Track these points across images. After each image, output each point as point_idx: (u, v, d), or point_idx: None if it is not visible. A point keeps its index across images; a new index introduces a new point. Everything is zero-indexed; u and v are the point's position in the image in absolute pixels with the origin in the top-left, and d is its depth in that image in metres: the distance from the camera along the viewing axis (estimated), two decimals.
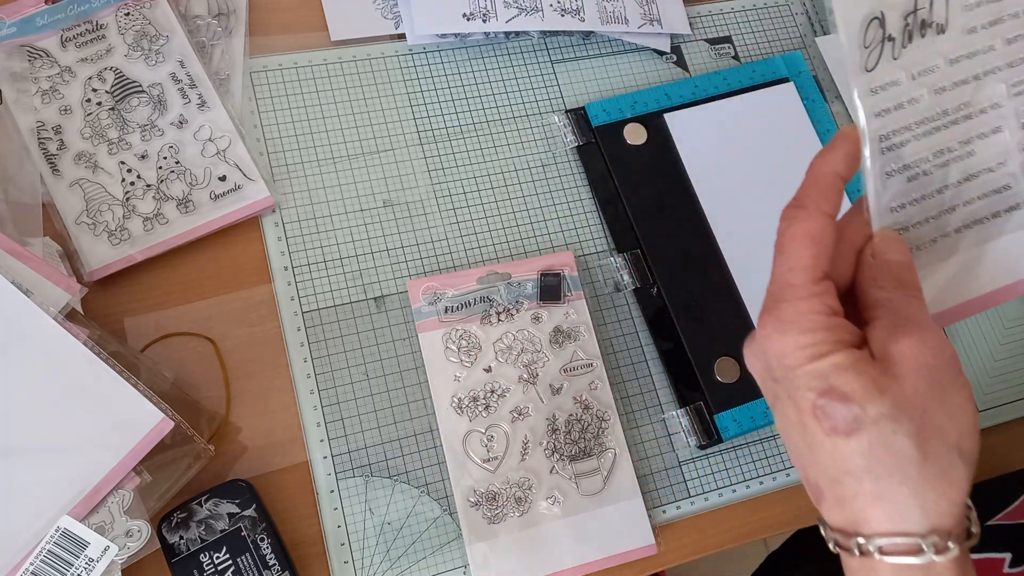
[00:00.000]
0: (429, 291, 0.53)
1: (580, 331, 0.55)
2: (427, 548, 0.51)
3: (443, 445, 0.52)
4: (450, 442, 0.52)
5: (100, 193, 0.53)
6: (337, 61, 0.60)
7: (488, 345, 0.54)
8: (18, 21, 0.55)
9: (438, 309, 0.54)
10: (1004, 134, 0.35)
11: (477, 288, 0.55)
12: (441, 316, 0.54)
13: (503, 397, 0.53)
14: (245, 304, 0.54)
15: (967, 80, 0.34)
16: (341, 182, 0.58)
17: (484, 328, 0.54)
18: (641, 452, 0.55)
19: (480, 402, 0.53)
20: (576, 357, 0.55)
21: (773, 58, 0.67)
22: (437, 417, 0.53)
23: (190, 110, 0.55)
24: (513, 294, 0.54)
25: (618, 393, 0.56)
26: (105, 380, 0.45)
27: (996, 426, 0.61)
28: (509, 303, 0.54)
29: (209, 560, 0.46)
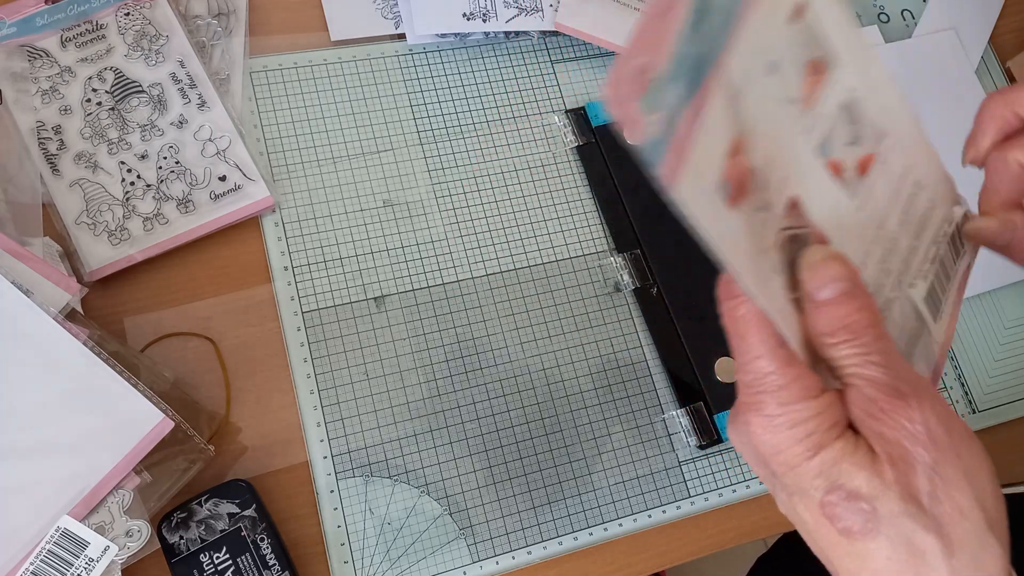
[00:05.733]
0: None
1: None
2: (427, 548, 0.51)
3: None
4: None
5: (100, 193, 0.53)
6: (337, 61, 0.60)
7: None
8: (18, 21, 0.55)
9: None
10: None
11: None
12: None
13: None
14: (245, 304, 0.54)
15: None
16: (341, 182, 0.58)
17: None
18: (641, 452, 0.55)
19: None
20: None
21: None
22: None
23: (190, 110, 0.55)
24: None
25: (618, 393, 0.56)
26: (105, 380, 0.45)
27: (996, 426, 0.61)
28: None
29: (209, 560, 0.46)
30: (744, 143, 0.27)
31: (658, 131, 0.25)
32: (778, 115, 0.29)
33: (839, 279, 0.28)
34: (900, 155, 0.33)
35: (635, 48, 0.25)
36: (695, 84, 0.25)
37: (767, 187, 0.28)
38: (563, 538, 0.53)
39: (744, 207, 0.27)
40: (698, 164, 0.26)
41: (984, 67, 0.71)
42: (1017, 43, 0.73)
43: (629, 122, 0.25)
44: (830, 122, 0.30)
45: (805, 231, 0.30)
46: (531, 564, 0.52)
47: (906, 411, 0.27)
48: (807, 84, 0.30)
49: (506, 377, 0.55)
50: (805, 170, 0.30)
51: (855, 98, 0.31)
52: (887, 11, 0.71)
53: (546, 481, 0.54)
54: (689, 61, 0.25)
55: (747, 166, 0.27)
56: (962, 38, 0.70)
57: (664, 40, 0.25)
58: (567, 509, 0.54)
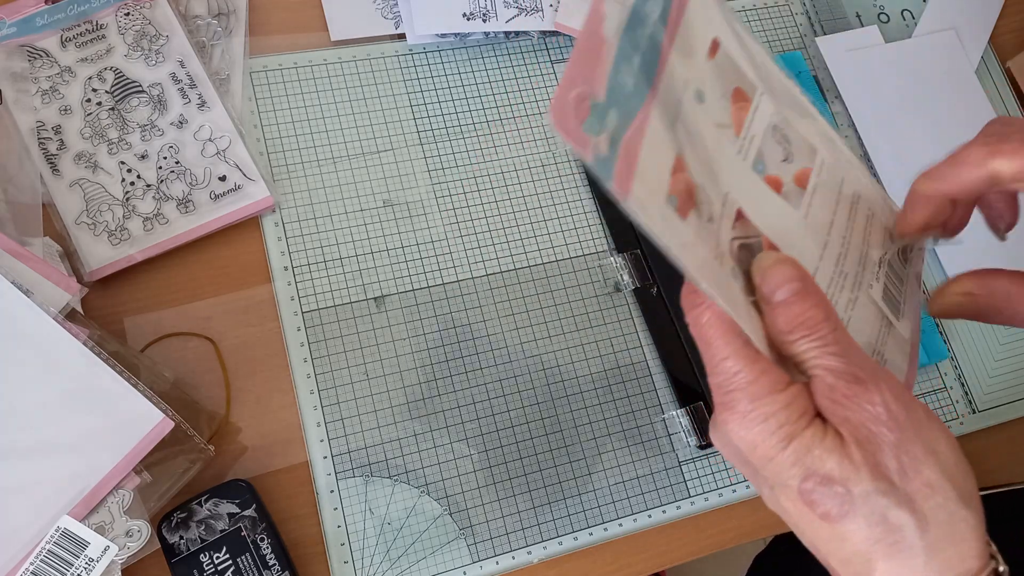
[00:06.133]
0: None
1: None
2: (427, 548, 0.51)
3: None
4: None
5: (100, 193, 0.53)
6: (337, 61, 0.60)
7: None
8: (18, 21, 0.55)
9: None
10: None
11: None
12: None
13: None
14: (245, 304, 0.54)
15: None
16: (341, 182, 0.58)
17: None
18: (641, 452, 0.55)
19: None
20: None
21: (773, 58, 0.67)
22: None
23: (190, 110, 0.55)
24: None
25: (618, 393, 0.56)
26: (105, 380, 0.45)
27: (996, 426, 0.61)
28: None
29: (209, 560, 0.46)
30: (684, 161, 0.31)
31: (605, 150, 0.28)
32: (712, 138, 0.33)
33: (790, 280, 0.30)
34: (833, 169, 0.36)
35: (572, 78, 0.28)
36: (633, 110, 0.29)
37: (711, 201, 0.32)
38: (563, 538, 0.53)
39: (693, 218, 0.31)
40: (646, 179, 0.29)
41: (984, 67, 0.71)
42: (1017, 43, 0.73)
43: (578, 144, 0.28)
44: (759, 143, 0.34)
45: (756, 240, 0.33)
46: (531, 564, 0.52)
47: (866, 395, 0.29)
48: (734, 111, 0.34)
49: (506, 377, 0.55)
50: (746, 186, 0.33)
51: (781, 121, 0.35)
52: (887, 11, 0.71)
53: (546, 481, 0.54)
54: (624, 90, 0.29)
55: (690, 181, 0.31)
56: (962, 38, 0.70)
57: (597, 72, 0.29)
58: (567, 509, 0.54)
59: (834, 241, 0.35)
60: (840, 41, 0.68)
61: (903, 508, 0.28)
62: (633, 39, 0.30)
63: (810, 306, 0.30)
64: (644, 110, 0.30)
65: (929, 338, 0.61)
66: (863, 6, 0.71)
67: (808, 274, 0.31)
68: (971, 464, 0.29)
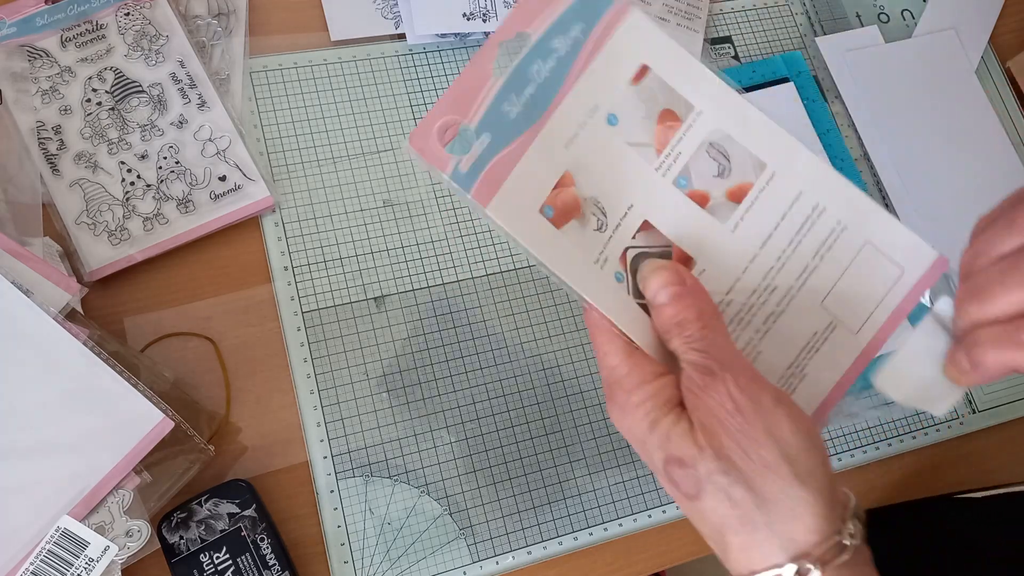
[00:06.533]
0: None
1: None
2: (427, 548, 0.51)
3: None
4: None
5: (100, 193, 0.53)
6: (337, 61, 0.60)
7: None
8: (18, 21, 0.55)
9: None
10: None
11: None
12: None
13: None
14: (245, 304, 0.54)
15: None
16: (341, 182, 0.58)
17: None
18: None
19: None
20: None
21: (773, 58, 0.67)
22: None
23: (190, 110, 0.55)
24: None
25: None
26: (105, 380, 0.45)
27: (996, 426, 0.61)
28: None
29: (209, 560, 0.46)
30: (573, 177, 0.36)
31: (465, 168, 0.34)
32: (621, 155, 0.36)
33: (666, 284, 0.34)
34: (787, 182, 0.37)
35: (442, 110, 0.35)
36: (511, 136, 0.35)
37: (605, 212, 0.36)
38: (563, 538, 0.53)
39: (571, 228, 0.35)
40: (515, 192, 0.35)
41: (984, 67, 0.71)
42: (1017, 43, 0.73)
43: (435, 161, 0.34)
44: (687, 160, 0.37)
45: (662, 249, 0.36)
46: (531, 564, 0.52)
47: (714, 385, 0.32)
48: (658, 130, 0.37)
49: (506, 377, 0.55)
50: (660, 199, 0.36)
51: (721, 137, 0.37)
52: (887, 11, 0.71)
53: (546, 481, 0.54)
54: (505, 119, 0.35)
55: (575, 195, 0.36)
56: (962, 38, 0.70)
57: (475, 104, 0.35)
58: (567, 509, 0.54)
59: (766, 256, 0.36)
60: (840, 41, 0.68)
61: (742, 486, 0.31)
62: (525, 75, 0.35)
63: (683, 307, 0.33)
64: (527, 135, 0.35)
65: None
66: (863, 6, 0.71)
67: (687, 279, 0.34)
68: (971, 464, 0.29)
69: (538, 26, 0.36)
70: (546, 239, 0.35)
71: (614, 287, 0.35)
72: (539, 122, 0.35)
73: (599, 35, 0.36)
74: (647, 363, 0.34)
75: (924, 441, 0.60)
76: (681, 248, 0.36)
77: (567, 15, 0.36)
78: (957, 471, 0.60)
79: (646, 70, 0.37)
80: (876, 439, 0.59)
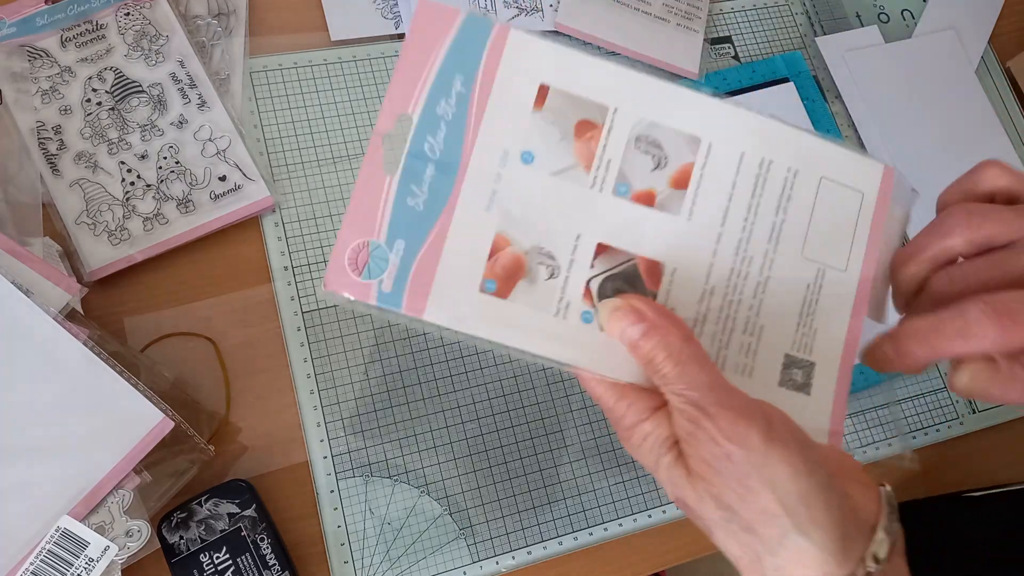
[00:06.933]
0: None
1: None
2: (427, 548, 0.51)
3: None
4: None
5: (100, 193, 0.53)
6: (337, 61, 0.60)
7: None
8: (18, 21, 0.55)
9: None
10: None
11: None
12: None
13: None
14: (245, 304, 0.54)
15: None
16: (341, 182, 0.58)
17: None
18: None
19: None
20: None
21: (773, 58, 0.67)
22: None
23: (190, 110, 0.55)
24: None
25: None
26: (105, 380, 0.45)
27: (996, 426, 0.61)
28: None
29: (209, 560, 0.46)
30: (507, 236, 0.33)
31: (389, 287, 0.31)
32: (551, 188, 0.33)
33: (630, 324, 0.32)
34: (726, 148, 0.35)
35: (345, 239, 0.31)
36: (427, 227, 0.32)
37: (552, 255, 0.33)
38: (563, 538, 0.53)
39: (520, 291, 0.33)
40: (449, 282, 0.32)
41: (984, 67, 0.71)
42: (1017, 43, 0.73)
43: (360, 295, 0.31)
44: (619, 164, 0.34)
45: (626, 265, 0.34)
46: (531, 564, 0.52)
47: (699, 432, 0.30)
48: (578, 146, 0.34)
49: (506, 377, 0.55)
50: (606, 217, 0.34)
51: (647, 128, 0.34)
52: (887, 11, 0.71)
53: (546, 481, 0.54)
54: (413, 214, 0.32)
55: (514, 255, 0.33)
56: (962, 38, 0.70)
57: (376, 216, 0.32)
58: (567, 509, 0.54)
59: (731, 229, 0.35)
60: (840, 41, 0.68)
61: (747, 533, 0.31)
62: (419, 159, 0.32)
63: (650, 346, 0.31)
64: (443, 219, 0.32)
65: None
66: (863, 6, 0.71)
67: (647, 313, 0.32)
68: (971, 464, 0.29)
69: (416, 100, 0.33)
70: (495, 318, 0.32)
71: (584, 335, 0.33)
72: (451, 198, 0.32)
73: (484, 77, 0.33)
74: (640, 400, 0.33)
75: (924, 441, 0.60)
76: (643, 256, 0.34)
77: (443, 73, 0.33)
78: (957, 471, 0.60)
79: (546, 90, 0.34)
80: (876, 439, 0.59)
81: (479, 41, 0.33)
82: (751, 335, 0.35)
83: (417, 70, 0.33)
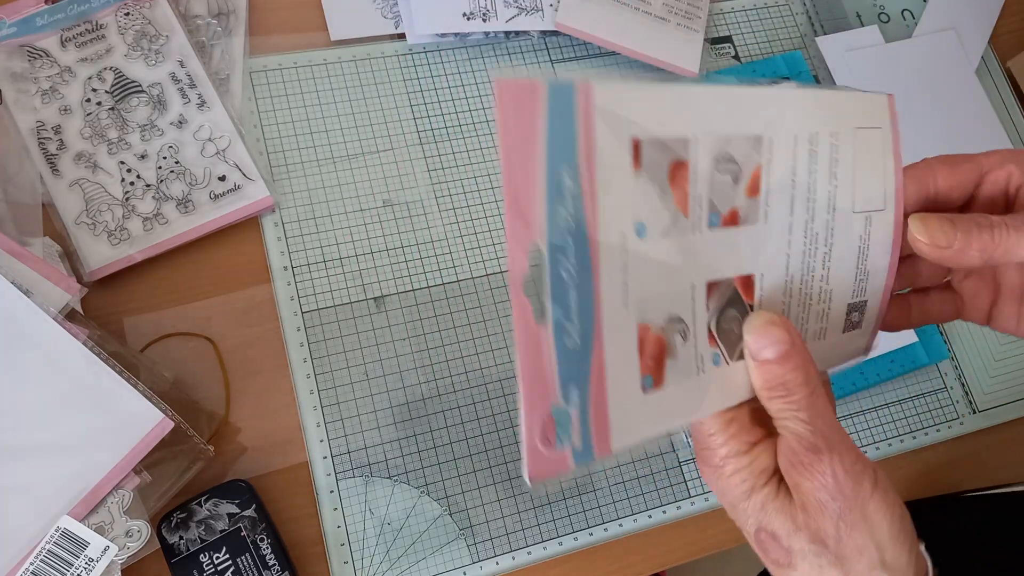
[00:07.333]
0: None
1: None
2: (427, 548, 0.51)
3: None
4: None
5: (100, 193, 0.53)
6: (337, 61, 0.60)
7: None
8: (18, 21, 0.55)
9: None
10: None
11: None
12: None
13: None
14: (245, 304, 0.54)
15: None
16: (341, 182, 0.58)
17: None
18: (641, 452, 0.55)
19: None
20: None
21: (773, 58, 0.67)
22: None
23: (190, 110, 0.55)
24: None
25: None
26: (105, 380, 0.45)
27: (996, 426, 0.61)
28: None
29: (209, 560, 0.46)
30: (646, 321, 0.30)
31: (579, 443, 0.28)
32: (664, 252, 0.30)
33: (778, 342, 0.32)
34: (782, 136, 0.33)
35: (531, 415, 0.27)
36: (586, 363, 0.28)
37: (680, 318, 0.31)
38: (563, 538, 0.53)
39: (669, 370, 0.30)
40: (618, 407, 0.29)
41: (984, 67, 0.71)
42: (1017, 43, 0.73)
43: (560, 468, 0.28)
44: (707, 195, 0.31)
45: (727, 297, 0.32)
46: (531, 564, 0.52)
47: (820, 465, 0.31)
48: (676, 194, 0.31)
49: (506, 377, 0.55)
50: (706, 252, 0.32)
51: (722, 145, 0.31)
52: (887, 11, 0.71)
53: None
54: (572, 355, 0.28)
55: (655, 338, 0.30)
56: (962, 38, 0.70)
57: (546, 375, 0.27)
58: (567, 509, 0.54)
59: (799, 216, 0.34)
60: (840, 41, 0.68)
61: (836, 567, 0.32)
62: (562, 292, 0.28)
63: (790, 368, 0.32)
64: (596, 342, 0.28)
65: (929, 338, 0.61)
66: (863, 6, 0.71)
67: (794, 335, 0.32)
68: (971, 464, 0.30)
69: (538, 218, 0.27)
70: (659, 410, 0.30)
71: (716, 379, 0.32)
72: (595, 316, 0.28)
73: (586, 158, 0.27)
74: (744, 433, 0.33)
75: (924, 441, 0.60)
76: (738, 275, 0.33)
77: (552, 174, 0.27)
78: (957, 471, 0.60)
79: (639, 144, 0.29)
80: (876, 439, 0.59)
81: (568, 111, 0.27)
82: (824, 303, 0.35)
83: (526, 176, 0.26)
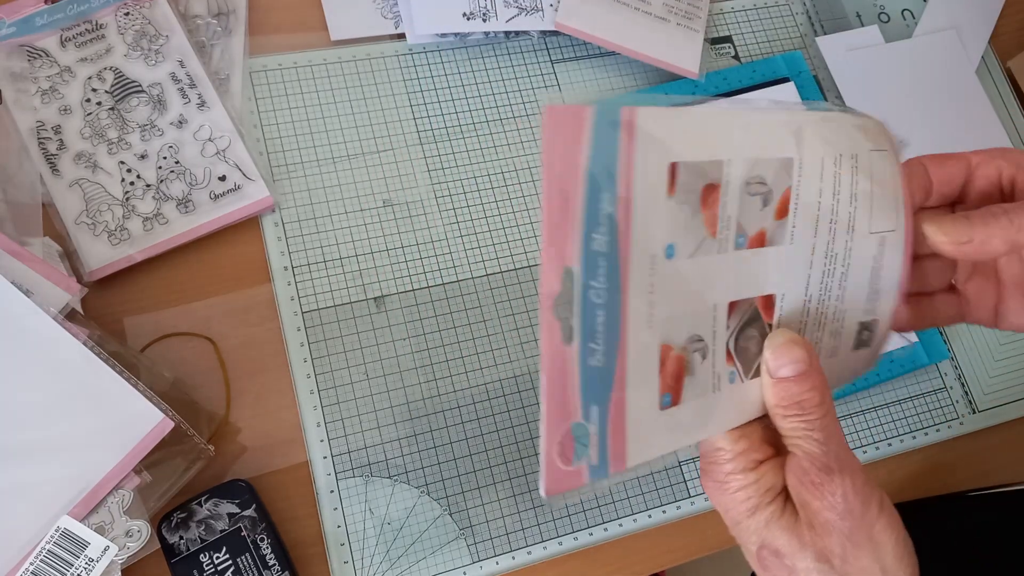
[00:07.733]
0: None
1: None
2: (427, 548, 0.51)
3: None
4: None
5: (100, 193, 0.53)
6: (337, 61, 0.60)
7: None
8: (18, 21, 0.55)
9: None
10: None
11: None
12: None
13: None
14: (245, 304, 0.54)
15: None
16: (341, 182, 0.58)
17: None
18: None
19: None
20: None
21: (773, 58, 0.67)
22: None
23: (190, 110, 0.55)
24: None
25: None
26: (105, 380, 0.45)
27: (996, 426, 0.61)
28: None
29: (209, 560, 0.46)
30: (669, 341, 0.30)
31: (596, 459, 0.28)
32: (690, 273, 0.31)
33: (797, 361, 0.32)
34: (811, 158, 0.33)
35: (551, 431, 0.28)
36: (608, 380, 0.28)
37: (701, 338, 0.31)
38: (563, 538, 0.53)
39: (687, 389, 0.31)
40: (636, 423, 0.29)
41: (984, 67, 0.71)
42: (1017, 43, 0.73)
43: (575, 483, 0.28)
44: (736, 216, 0.32)
45: (747, 316, 0.33)
46: (531, 564, 0.52)
47: (830, 485, 0.31)
48: (706, 217, 0.31)
49: (506, 377, 0.55)
50: (733, 276, 0.32)
51: (753, 167, 0.32)
52: (887, 11, 0.71)
53: None
54: (595, 374, 0.28)
55: (676, 357, 0.31)
56: (962, 38, 0.70)
57: (569, 393, 0.28)
58: (567, 509, 0.54)
59: (822, 237, 0.34)
60: (840, 41, 0.68)
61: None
62: (590, 313, 0.28)
63: (807, 388, 0.32)
64: (619, 361, 0.29)
65: (929, 338, 0.61)
66: (863, 6, 0.71)
67: (812, 355, 0.32)
68: (971, 464, 0.30)
69: (573, 243, 0.27)
70: (676, 428, 0.31)
71: (730, 396, 0.32)
72: (620, 336, 0.29)
73: (624, 180, 0.28)
74: (753, 450, 0.33)
75: (924, 441, 0.60)
76: (760, 295, 0.33)
77: (591, 199, 0.27)
78: (957, 471, 0.60)
79: (675, 169, 0.30)
80: (876, 439, 0.59)
81: (612, 138, 0.28)
82: (837, 322, 0.35)
83: (565, 203, 0.27)
